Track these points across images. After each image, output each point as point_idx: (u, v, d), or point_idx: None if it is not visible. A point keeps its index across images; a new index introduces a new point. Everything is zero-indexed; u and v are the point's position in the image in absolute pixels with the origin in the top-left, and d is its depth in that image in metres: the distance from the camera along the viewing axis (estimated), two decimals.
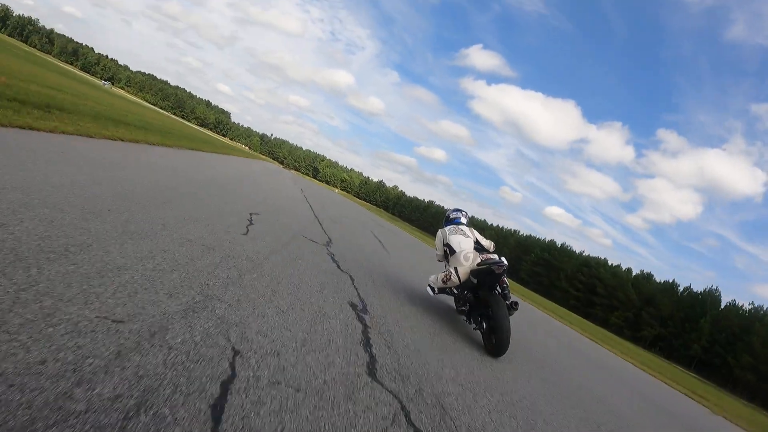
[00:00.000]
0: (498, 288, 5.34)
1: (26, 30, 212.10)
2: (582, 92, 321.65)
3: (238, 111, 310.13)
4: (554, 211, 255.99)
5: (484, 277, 5.13)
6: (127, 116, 17.73)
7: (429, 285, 5.95)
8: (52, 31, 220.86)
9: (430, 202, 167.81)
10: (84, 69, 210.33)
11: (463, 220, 6.20)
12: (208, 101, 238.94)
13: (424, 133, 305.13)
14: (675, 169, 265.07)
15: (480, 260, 5.30)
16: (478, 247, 5.83)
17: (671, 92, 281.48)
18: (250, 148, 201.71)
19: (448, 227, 6.02)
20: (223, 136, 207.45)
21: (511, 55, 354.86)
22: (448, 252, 5.73)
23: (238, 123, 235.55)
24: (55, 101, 10.62)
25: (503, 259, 5.21)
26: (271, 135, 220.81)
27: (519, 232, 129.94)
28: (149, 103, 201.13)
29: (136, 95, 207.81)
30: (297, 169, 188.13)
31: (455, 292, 5.69)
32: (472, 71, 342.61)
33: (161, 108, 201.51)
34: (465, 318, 5.63)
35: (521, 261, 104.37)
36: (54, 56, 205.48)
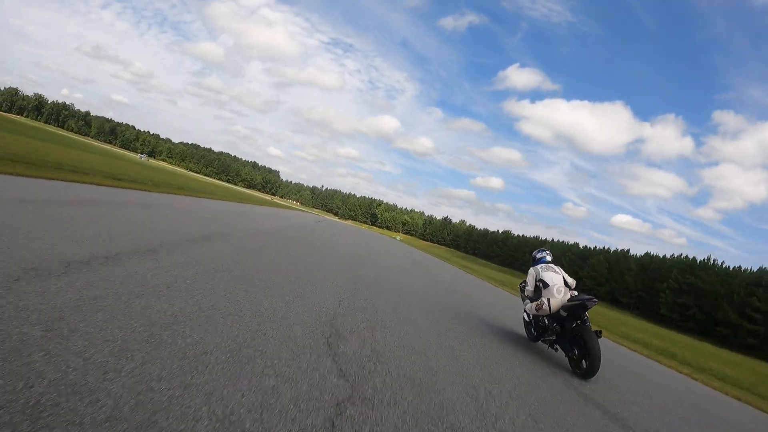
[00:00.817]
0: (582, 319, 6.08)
1: (62, 115, 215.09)
2: (628, 91, 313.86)
3: (291, 171, 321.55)
4: (621, 219, 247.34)
5: (575, 310, 5.96)
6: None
7: (525, 311, 7.03)
8: (87, 113, 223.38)
9: (507, 233, 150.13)
10: (123, 146, 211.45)
11: (549, 258, 7.12)
12: (255, 162, 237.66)
13: (477, 164, 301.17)
14: (739, 150, 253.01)
15: (570, 296, 6.24)
16: (564, 283, 6.58)
17: (716, 73, 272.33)
18: (301, 203, 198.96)
19: (540, 265, 6.86)
20: (273, 194, 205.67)
21: (549, 69, 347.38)
22: (542, 286, 6.51)
23: (288, 180, 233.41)
24: None
25: (593, 299, 5.99)
26: (322, 186, 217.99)
27: (621, 251, 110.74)
28: (192, 171, 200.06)
29: (178, 165, 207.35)
30: (353, 218, 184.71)
31: (545, 322, 6.38)
32: (514, 92, 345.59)
33: (206, 175, 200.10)
34: (549, 346, 6.59)
35: (653, 292, 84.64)
36: (92, 137, 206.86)
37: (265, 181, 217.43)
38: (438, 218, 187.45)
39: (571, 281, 6.65)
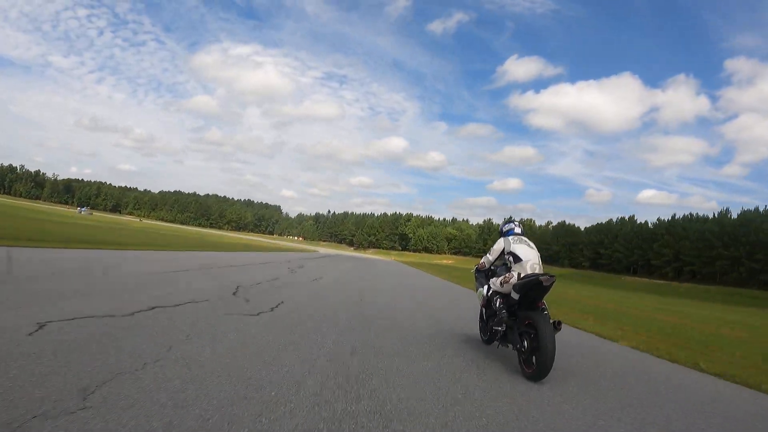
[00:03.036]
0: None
1: (7, 179, 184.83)
2: (631, 61, 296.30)
3: (307, 209, 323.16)
4: (647, 194, 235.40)
5: (528, 291, 5.03)
6: None
7: (488, 284, 5.98)
8: (38, 173, 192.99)
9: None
10: (82, 203, 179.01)
11: (518, 230, 6.15)
12: (249, 200, 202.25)
13: (491, 168, 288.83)
14: (757, 95, 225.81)
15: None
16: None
17: (716, 23, 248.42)
18: (304, 238, 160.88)
19: (511, 236, 5.94)
20: (270, 234, 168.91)
21: (548, 54, 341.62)
22: (512, 260, 5.59)
23: (286, 213, 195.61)
24: None
25: (550, 275, 5.13)
26: (329, 212, 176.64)
27: None
28: (165, 221, 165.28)
29: (147, 216, 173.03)
30: (376, 246, 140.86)
31: (499, 305, 5.42)
32: (516, 86, 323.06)
33: (181, 222, 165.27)
34: (498, 343, 5.53)
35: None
36: (44, 200, 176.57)
37: (258, 219, 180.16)
38: (494, 222, 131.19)
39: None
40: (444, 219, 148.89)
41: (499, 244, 5.97)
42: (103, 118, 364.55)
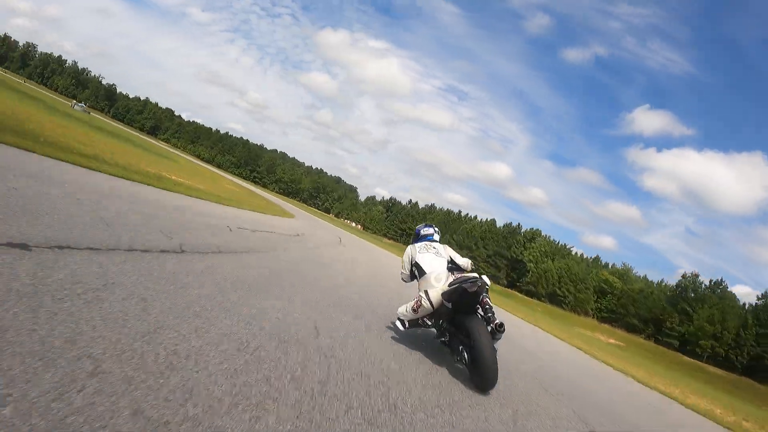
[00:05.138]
0: (480, 311, 4.65)
1: (48, 70, 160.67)
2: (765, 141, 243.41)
3: None
4: (740, 290, 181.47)
5: (457, 298, 4.53)
6: None
7: (398, 318, 5.14)
8: (83, 71, 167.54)
9: None
10: (116, 117, 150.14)
11: (436, 237, 5.85)
12: (310, 167, 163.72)
13: (589, 220, 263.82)
14: None
15: (452, 279, 4.82)
16: (453, 267, 5.31)
17: None
18: (364, 226, 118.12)
19: (419, 244, 5.58)
20: (326, 212, 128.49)
21: (680, 111, 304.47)
22: (417, 273, 5.27)
23: (357, 193, 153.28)
24: None
25: (484, 277, 4.78)
26: (410, 201, 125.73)
27: None
28: (200, 158, 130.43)
29: (184, 148, 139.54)
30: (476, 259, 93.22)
31: (429, 323, 5.03)
32: (639, 139, 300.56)
33: (218, 165, 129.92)
34: (451, 352, 4.88)
35: None
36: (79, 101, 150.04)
37: (316, 189, 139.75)
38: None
39: (463, 262, 5.41)
40: (580, 254, 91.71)
41: (406, 254, 5.61)
42: (224, 76, 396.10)
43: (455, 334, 4.68)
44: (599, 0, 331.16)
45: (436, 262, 5.13)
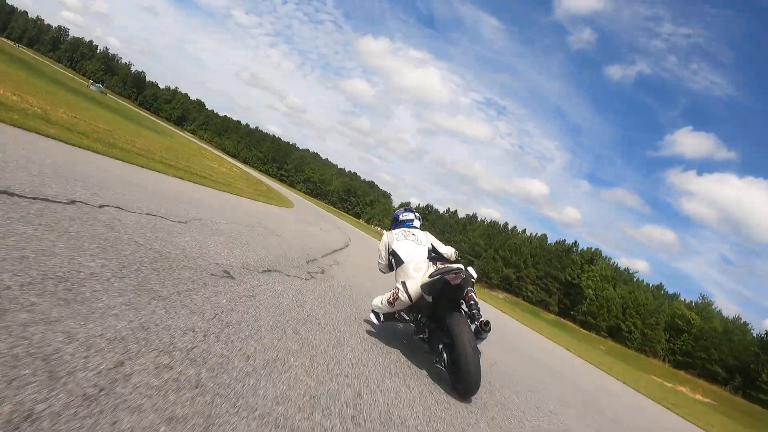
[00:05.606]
0: (464, 307, 4.12)
1: (77, 53, 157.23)
2: None
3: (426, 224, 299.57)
4: None
5: (439, 291, 4.02)
6: None
7: (372, 310, 4.66)
8: (113, 57, 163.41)
9: None
10: (143, 105, 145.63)
11: (416, 223, 5.24)
12: (342, 169, 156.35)
13: (624, 242, 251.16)
14: None
15: (434, 270, 4.24)
16: (436, 256, 4.75)
17: None
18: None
19: (397, 230, 5.02)
20: (356, 217, 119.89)
21: (724, 135, 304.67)
22: (395, 263, 4.72)
23: (391, 199, 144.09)
24: None
25: (470, 269, 4.22)
26: (448, 210, 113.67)
27: None
28: (226, 151, 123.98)
29: (210, 141, 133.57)
30: (506, 281, 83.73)
31: (406, 318, 4.53)
32: (680, 161, 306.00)
33: (244, 161, 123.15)
34: (427, 344, 4.43)
35: None
36: (106, 87, 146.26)
37: (347, 191, 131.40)
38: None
39: (447, 251, 4.83)
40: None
41: (383, 241, 5.04)
42: (264, 79, 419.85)
43: (435, 332, 4.21)
44: (643, 18, 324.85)
45: (416, 251, 4.62)
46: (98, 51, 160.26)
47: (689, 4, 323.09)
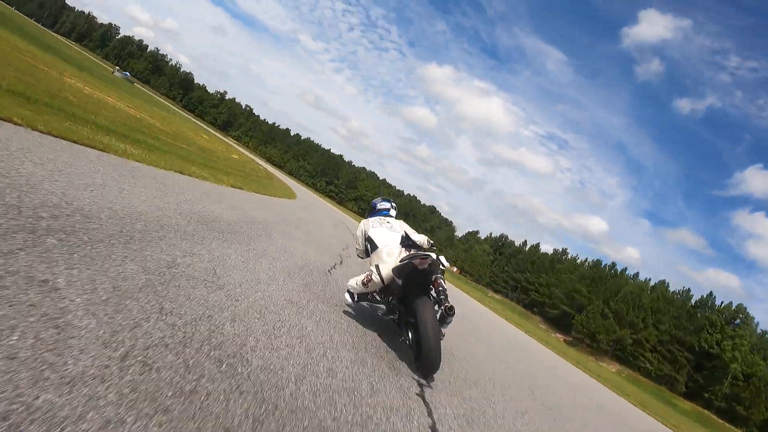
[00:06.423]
0: (433, 293, 4.38)
1: (125, 51, 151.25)
2: None
3: None
4: None
5: (408, 275, 4.29)
6: None
7: (348, 290, 5.03)
8: (163, 57, 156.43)
9: None
10: (187, 107, 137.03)
11: (392, 212, 5.65)
12: (415, 197, 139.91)
13: (684, 285, 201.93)
14: None
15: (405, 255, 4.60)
16: (409, 243, 4.97)
17: None
18: (461, 270, 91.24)
19: (373, 218, 5.40)
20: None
21: None
22: (370, 248, 5.06)
23: (454, 227, 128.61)
24: None
25: (441, 257, 4.48)
26: (524, 243, 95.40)
27: None
28: (270, 161, 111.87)
29: (255, 150, 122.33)
30: (591, 338, 62.76)
31: (378, 299, 4.89)
32: (748, 201, 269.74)
33: (288, 173, 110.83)
34: (396, 324, 4.84)
35: None
36: (151, 86, 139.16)
37: (404, 215, 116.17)
38: None
39: (420, 238, 5.01)
40: None
41: (359, 228, 5.42)
42: (327, 102, 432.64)
43: (404, 314, 4.51)
44: (710, 51, 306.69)
45: (390, 237, 4.96)
46: (148, 51, 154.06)
47: (756, 35, 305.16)
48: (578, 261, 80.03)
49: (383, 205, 5.63)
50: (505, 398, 5.19)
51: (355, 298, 4.93)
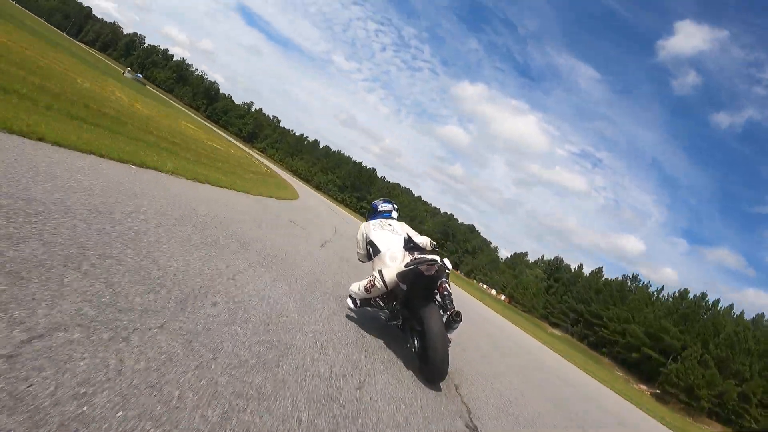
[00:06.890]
0: (438, 297, 4.27)
1: (149, 60, 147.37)
2: None
3: None
4: None
5: (413, 280, 4.16)
6: None
7: (350, 295, 4.87)
8: (187, 67, 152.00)
9: None
10: (211, 117, 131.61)
11: (394, 214, 5.53)
12: (438, 209, 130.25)
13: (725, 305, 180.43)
14: None
15: (410, 260, 4.39)
16: (412, 246, 4.91)
17: None
18: (510, 299, 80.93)
19: (374, 221, 5.22)
20: (455, 268, 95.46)
21: None
22: (372, 252, 4.91)
23: (497, 249, 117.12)
24: None
25: (446, 260, 4.42)
26: (581, 266, 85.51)
27: None
28: (295, 173, 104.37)
29: (280, 161, 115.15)
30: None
31: (381, 304, 4.73)
32: None
33: (316, 187, 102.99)
34: (401, 330, 4.68)
35: None
36: (176, 95, 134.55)
37: (443, 234, 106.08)
38: None
39: (423, 241, 4.99)
40: None
41: (360, 231, 5.28)
42: (360, 121, 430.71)
43: (409, 319, 4.39)
44: (745, 63, 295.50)
45: (392, 240, 4.84)
46: (173, 60, 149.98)
47: None
48: (650, 289, 68.45)
49: (385, 206, 5.51)
50: None
51: (358, 304, 4.78)
